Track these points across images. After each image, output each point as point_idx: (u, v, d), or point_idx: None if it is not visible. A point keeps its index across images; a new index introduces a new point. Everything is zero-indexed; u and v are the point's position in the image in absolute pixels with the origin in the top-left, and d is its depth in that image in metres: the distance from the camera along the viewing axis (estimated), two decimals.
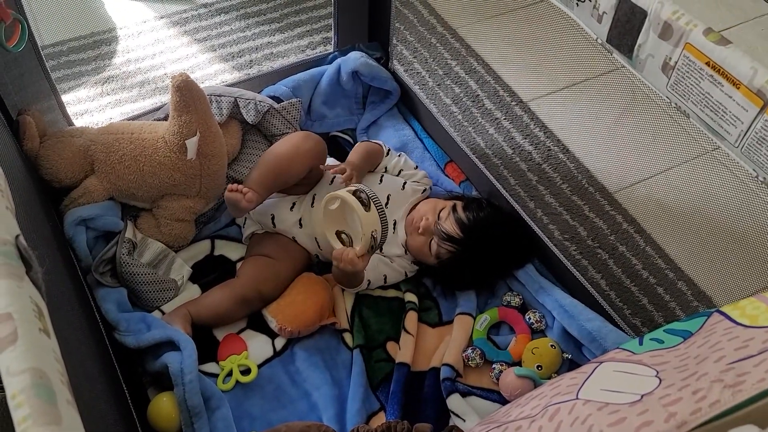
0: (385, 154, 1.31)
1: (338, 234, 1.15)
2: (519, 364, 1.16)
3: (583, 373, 0.69)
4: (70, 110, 1.38)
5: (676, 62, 0.78)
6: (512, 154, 1.54)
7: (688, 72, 0.78)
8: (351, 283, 1.20)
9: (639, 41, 0.82)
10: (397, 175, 1.31)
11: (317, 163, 1.25)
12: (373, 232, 1.08)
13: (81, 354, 0.85)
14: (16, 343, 0.46)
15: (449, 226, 1.19)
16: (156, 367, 1.07)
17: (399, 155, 1.34)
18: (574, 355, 1.17)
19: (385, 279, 1.23)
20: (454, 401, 1.11)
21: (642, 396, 0.60)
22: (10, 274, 0.50)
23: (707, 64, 0.75)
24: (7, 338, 0.46)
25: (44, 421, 0.43)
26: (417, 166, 1.35)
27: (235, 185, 1.17)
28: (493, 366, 1.16)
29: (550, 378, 1.12)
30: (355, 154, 1.27)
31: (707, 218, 1.41)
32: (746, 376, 0.56)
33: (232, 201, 1.17)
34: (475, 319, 1.21)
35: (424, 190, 1.31)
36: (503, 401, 1.12)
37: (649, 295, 1.33)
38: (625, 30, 0.83)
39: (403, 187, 1.28)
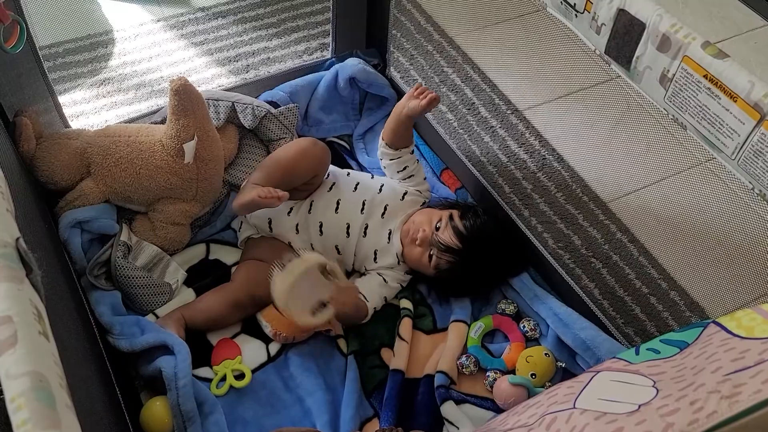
0: (410, 151, 1.29)
1: (316, 309, 1.06)
2: (513, 372, 1.16)
3: (580, 383, 0.70)
4: (66, 112, 1.37)
5: (674, 74, 0.79)
6: (507, 162, 1.55)
7: (685, 84, 0.78)
8: (358, 317, 1.18)
9: (637, 53, 0.83)
10: (407, 179, 1.30)
11: (320, 169, 1.25)
12: (326, 266, 1.07)
13: (77, 357, 0.85)
14: (16, 346, 0.46)
15: (447, 236, 1.19)
16: (149, 371, 1.07)
17: (417, 162, 1.31)
18: (568, 363, 1.17)
19: (386, 299, 1.23)
20: (447, 408, 1.11)
21: (639, 406, 0.60)
22: (11, 276, 0.50)
23: (705, 76, 0.75)
24: (6, 341, 0.46)
25: (44, 425, 0.43)
26: (426, 177, 1.34)
27: (268, 189, 1.13)
28: (487, 374, 1.16)
29: (543, 386, 1.13)
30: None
31: (700, 229, 1.42)
32: (743, 387, 0.56)
33: (263, 204, 1.14)
34: (469, 326, 1.21)
35: (423, 203, 1.30)
36: (497, 409, 1.13)
37: (641, 305, 1.33)
38: (624, 42, 0.84)
39: (403, 197, 1.28)
